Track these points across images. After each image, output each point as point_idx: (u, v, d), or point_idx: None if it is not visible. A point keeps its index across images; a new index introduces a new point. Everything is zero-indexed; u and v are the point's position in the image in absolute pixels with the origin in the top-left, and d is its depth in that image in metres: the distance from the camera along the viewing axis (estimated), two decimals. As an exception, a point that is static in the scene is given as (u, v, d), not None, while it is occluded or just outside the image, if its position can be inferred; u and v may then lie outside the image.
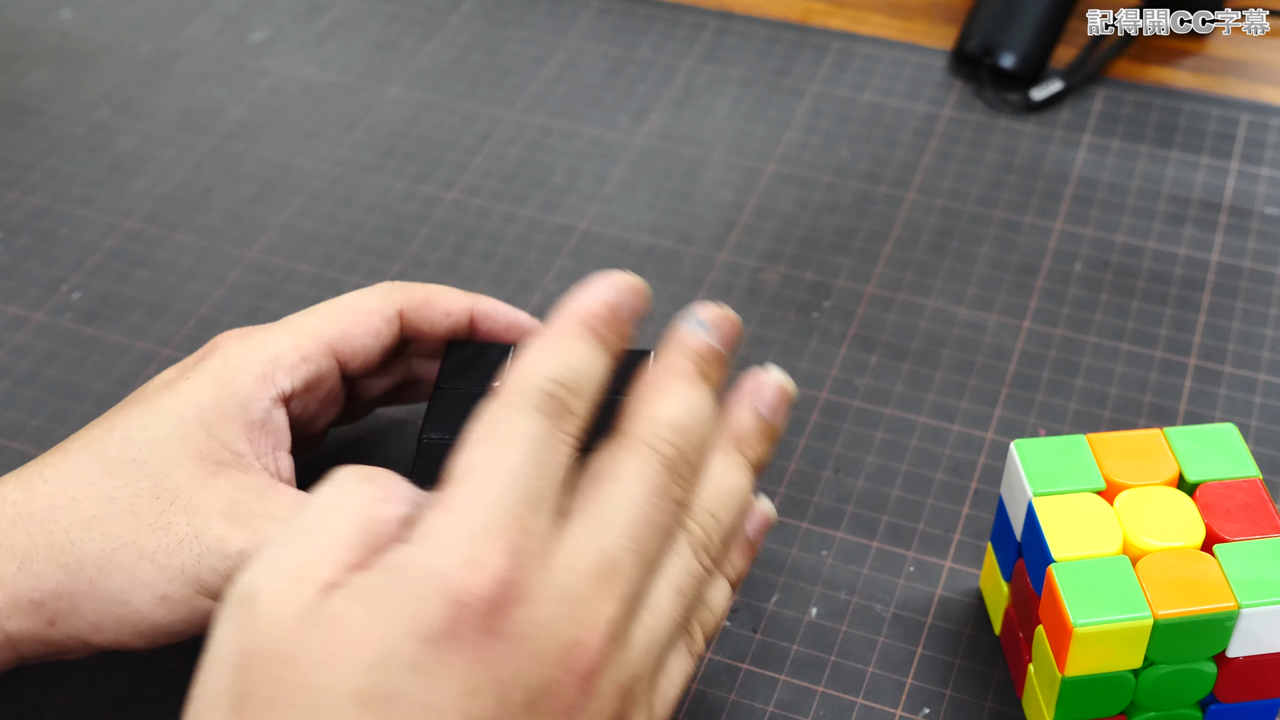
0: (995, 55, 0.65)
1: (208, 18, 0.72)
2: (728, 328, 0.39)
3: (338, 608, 0.31)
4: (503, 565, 0.31)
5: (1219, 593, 0.38)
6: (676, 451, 0.35)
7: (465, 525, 0.31)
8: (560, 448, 0.34)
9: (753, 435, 0.39)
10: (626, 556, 0.33)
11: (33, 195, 0.63)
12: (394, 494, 0.34)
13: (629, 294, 0.37)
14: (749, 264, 0.58)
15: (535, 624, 0.31)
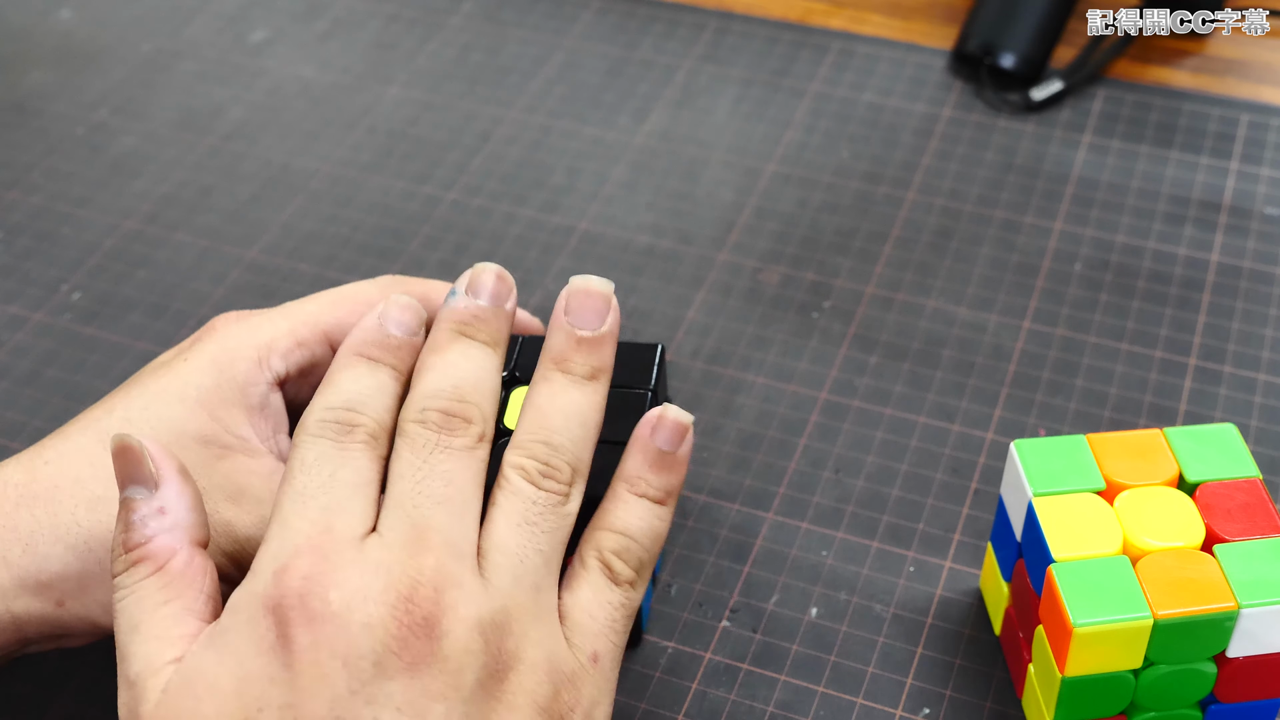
0: (995, 55, 0.65)
1: (208, 18, 0.72)
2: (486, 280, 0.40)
3: (194, 666, 0.33)
4: (306, 563, 0.34)
5: (1219, 593, 0.38)
6: (439, 413, 0.37)
7: (268, 549, 0.35)
8: (350, 455, 0.36)
9: (572, 350, 0.39)
10: (425, 512, 0.35)
11: (33, 195, 0.63)
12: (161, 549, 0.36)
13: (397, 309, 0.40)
14: (749, 264, 0.58)
15: (356, 596, 0.33)
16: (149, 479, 0.36)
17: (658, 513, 0.39)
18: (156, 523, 0.36)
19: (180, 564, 0.35)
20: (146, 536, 0.35)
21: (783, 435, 0.51)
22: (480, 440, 0.37)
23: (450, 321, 0.39)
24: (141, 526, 0.35)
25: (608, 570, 0.38)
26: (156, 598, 0.35)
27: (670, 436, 0.39)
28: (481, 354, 0.39)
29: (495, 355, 0.39)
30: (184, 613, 0.35)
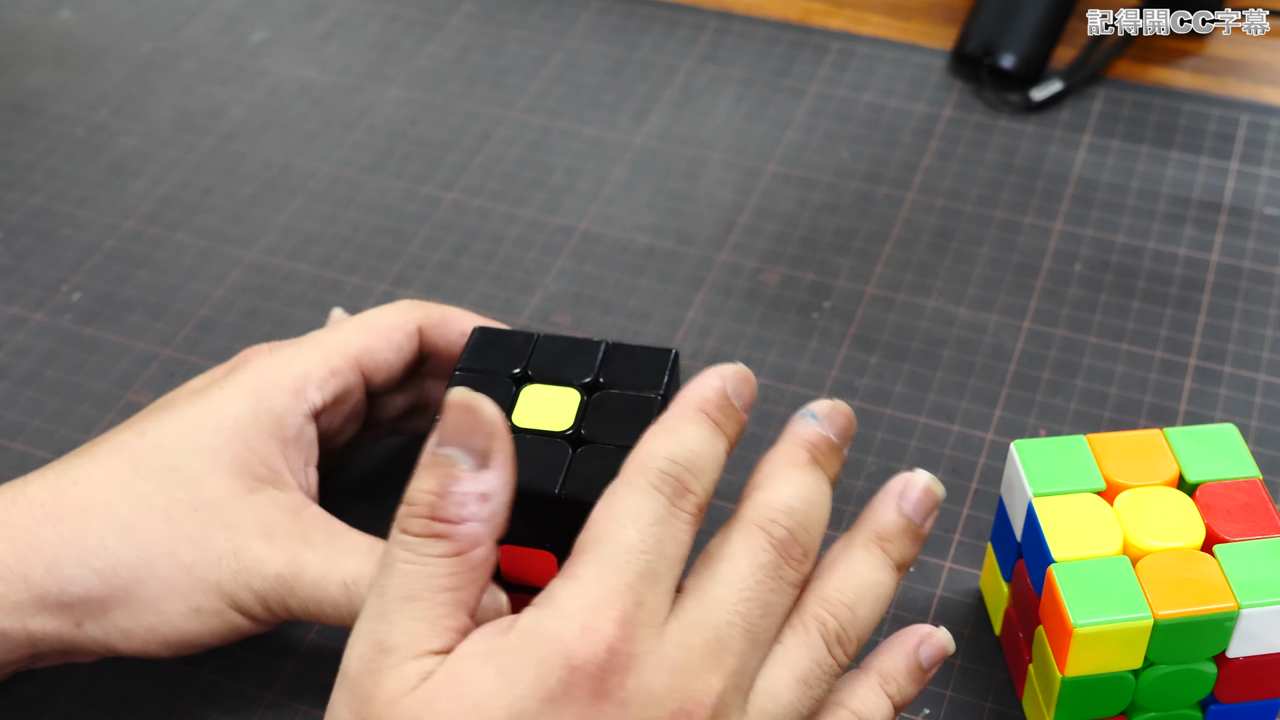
0: (995, 55, 0.65)
1: (208, 18, 0.72)
2: (841, 420, 0.39)
3: (466, 671, 0.33)
4: (615, 634, 0.33)
5: (1219, 593, 0.38)
6: (787, 533, 0.36)
7: (583, 595, 0.34)
8: (678, 525, 0.35)
9: (895, 533, 0.39)
10: (735, 633, 0.35)
11: (33, 195, 0.63)
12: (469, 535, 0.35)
13: (742, 382, 0.38)
14: (749, 264, 0.58)
15: (643, 691, 0.33)
16: (480, 453, 0.35)
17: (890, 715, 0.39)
18: (477, 507, 0.35)
19: (480, 557, 0.35)
20: (460, 517, 0.34)
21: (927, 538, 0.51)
22: (804, 578, 0.37)
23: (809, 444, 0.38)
24: (460, 504, 0.34)
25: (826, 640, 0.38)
26: (445, 581, 0.34)
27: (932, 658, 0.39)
28: (824, 486, 0.38)
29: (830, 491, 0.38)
30: (461, 606, 0.34)
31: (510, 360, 0.44)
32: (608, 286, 0.57)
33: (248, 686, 0.45)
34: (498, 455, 0.35)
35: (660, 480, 0.36)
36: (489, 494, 0.35)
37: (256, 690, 0.44)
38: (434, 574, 0.34)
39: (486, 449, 0.35)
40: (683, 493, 0.36)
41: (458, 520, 0.34)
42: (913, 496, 0.39)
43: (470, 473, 0.35)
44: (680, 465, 0.36)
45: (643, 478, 0.36)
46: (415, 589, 0.34)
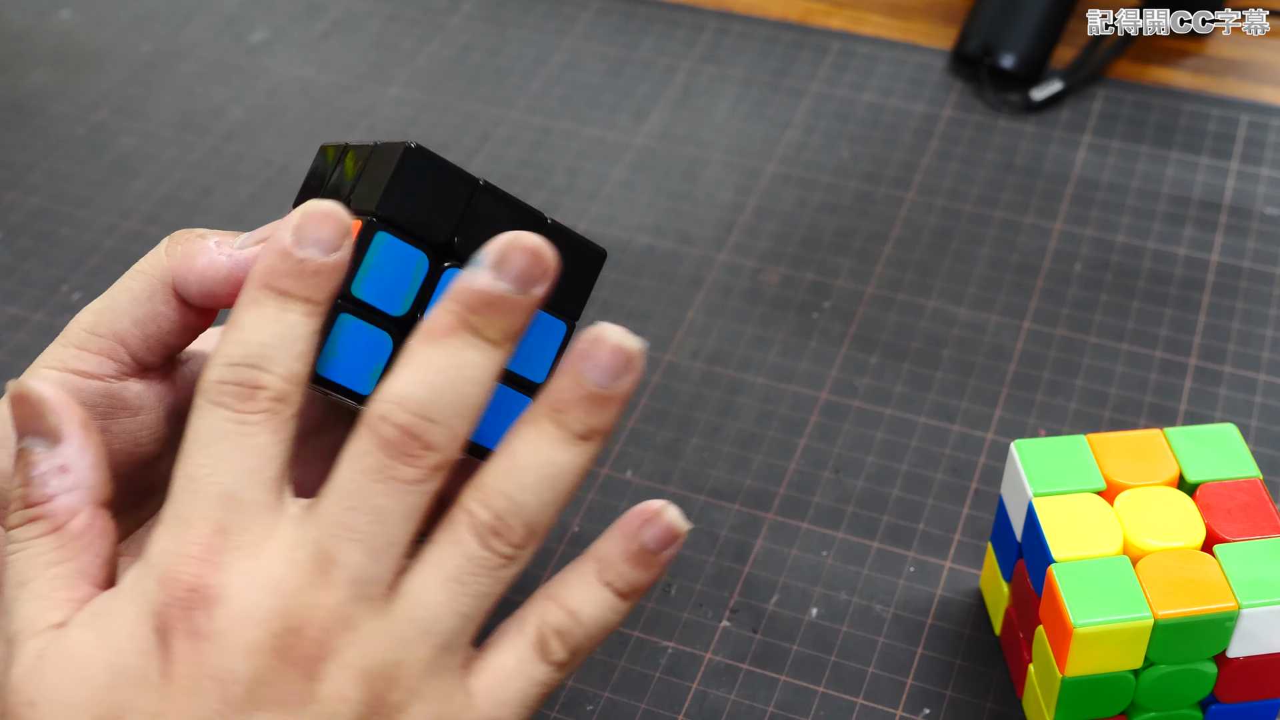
0: (995, 55, 0.65)
1: (208, 18, 0.72)
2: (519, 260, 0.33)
3: (72, 640, 0.32)
4: (195, 570, 0.32)
5: (1219, 593, 0.38)
6: (399, 429, 0.32)
7: (162, 541, 0.32)
8: (249, 430, 0.33)
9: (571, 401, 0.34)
10: (341, 545, 0.32)
11: (33, 195, 0.63)
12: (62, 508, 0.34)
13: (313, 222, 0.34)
14: (749, 264, 0.58)
15: (242, 618, 0.32)
16: (50, 431, 0.34)
17: (616, 607, 0.35)
18: (58, 481, 0.34)
19: (79, 525, 0.34)
20: (46, 495, 0.34)
21: (783, 435, 0.51)
22: (435, 470, 0.33)
23: (459, 303, 0.33)
24: (42, 484, 0.34)
25: (542, 647, 0.34)
26: (49, 557, 0.34)
27: (659, 537, 0.35)
28: (480, 358, 0.33)
29: (500, 359, 0.33)
30: (76, 575, 0.34)
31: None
32: (607, 286, 0.57)
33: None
34: (67, 426, 0.34)
35: (216, 392, 0.33)
36: (67, 464, 0.34)
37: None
38: (38, 553, 0.34)
39: (52, 425, 0.34)
40: (249, 394, 0.33)
41: (44, 499, 0.34)
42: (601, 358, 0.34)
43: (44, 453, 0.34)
44: (238, 366, 0.33)
45: (201, 396, 0.33)
46: (24, 574, 0.33)
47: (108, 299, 0.38)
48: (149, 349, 0.38)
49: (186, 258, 0.37)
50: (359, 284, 0.36)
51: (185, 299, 0.37)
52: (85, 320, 0.38)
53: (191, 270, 0.37)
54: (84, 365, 0.37)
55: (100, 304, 0.38)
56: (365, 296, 0.36)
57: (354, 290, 0.36)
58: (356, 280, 0.36)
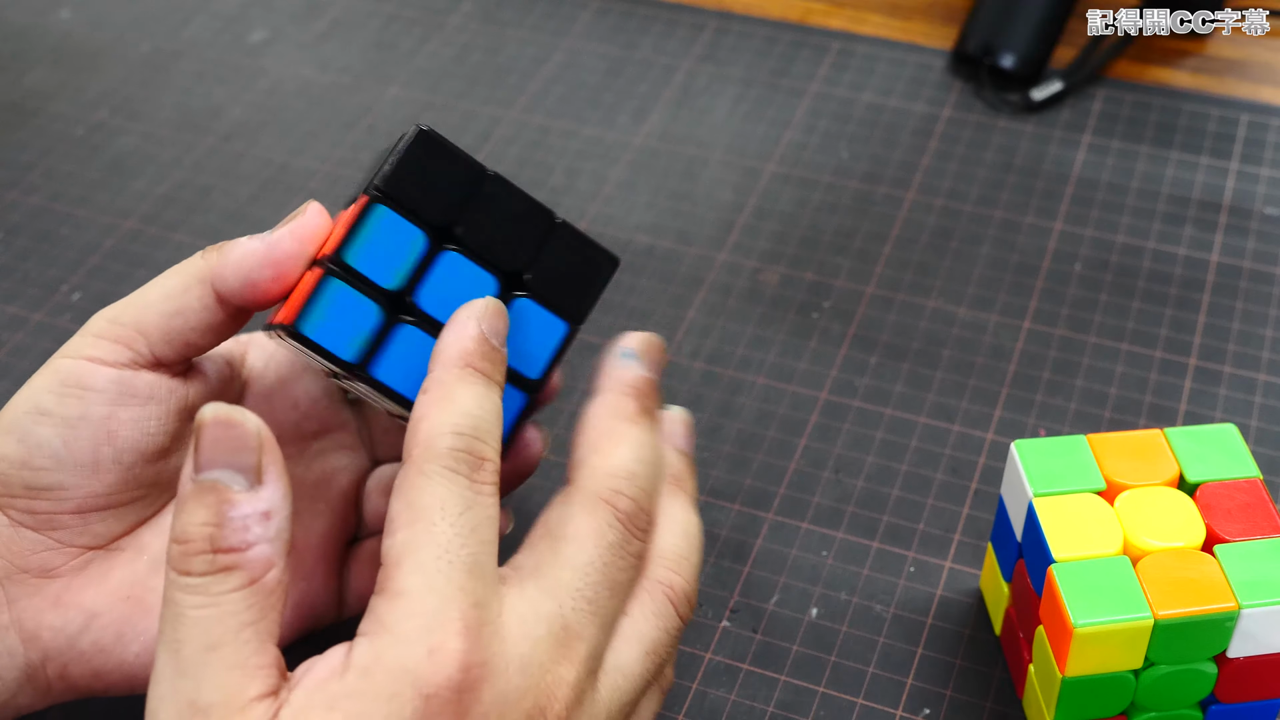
0: (995, 55, 0.65)
1: (207, 18, 0.72)
2: (656, 354, 0.38)
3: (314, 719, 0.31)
4: (462, 648, 0.31)
5: (1219, 593, 0.38)
6: (633, 504, 0.35)
7: (417, 613, 0.31)
8: (485, 502, 0.33)
9: (685, 472, 0.39)
10: (583, 619, 0.33)
11: (33, 195, 0.63)
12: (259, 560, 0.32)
13: (495, 318, 0.36)
14: (749, 264, 0.58)
15: (501, 698, 0.32)
16: (253, 469, 0.32)
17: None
18: (261, 529, 0.31)
19: (274, 580, 0.32)
20: (246, 542, 0.31)
21: (783, 435, 0.51)
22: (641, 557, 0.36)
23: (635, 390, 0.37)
24: (242, 529, 0.31)
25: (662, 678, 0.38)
26: (244, 616, 0.31)
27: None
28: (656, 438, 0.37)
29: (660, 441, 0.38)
30: (266, 639, 0.31)
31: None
32: (608, 286, 0.57)
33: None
34: (271, 467, 0.32)
35: (454, 460, 0.33)
36: (271, 511, 0.32)
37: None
38: (232, 612, 0.31)
39: (257, 463, 0.32)
40: (479, 465, 0.33)
41: (244, 546, 0.31)
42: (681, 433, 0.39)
43: (245, 493, 0.31)
44: (467, 436, 0.34)
45: (435, 462, 0.33)
46: (216, 635, 0.31)
47: (138, 293, 0.38)
48: (169, 343, 0.38)
49: (221, 253, 0.37)
50: (350, 250, 0.36)
51: (225, 295, 0.38)
52: (109, 311, 0.38)
53: (228, 263, 0.37)
54: (97, 352, 0.38)
55: (129, 298, 0.38)
56: (356, 264, 0.36)
57: (345, 256, 0.36)
58: (348, 247, 0.36)
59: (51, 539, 0.39)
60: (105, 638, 0.39)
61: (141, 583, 0.40)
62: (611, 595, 0.34)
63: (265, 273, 0.37)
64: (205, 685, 0.30)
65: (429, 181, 0.37)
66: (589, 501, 0.35)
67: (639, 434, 0.36)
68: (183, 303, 0.38)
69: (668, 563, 0.36)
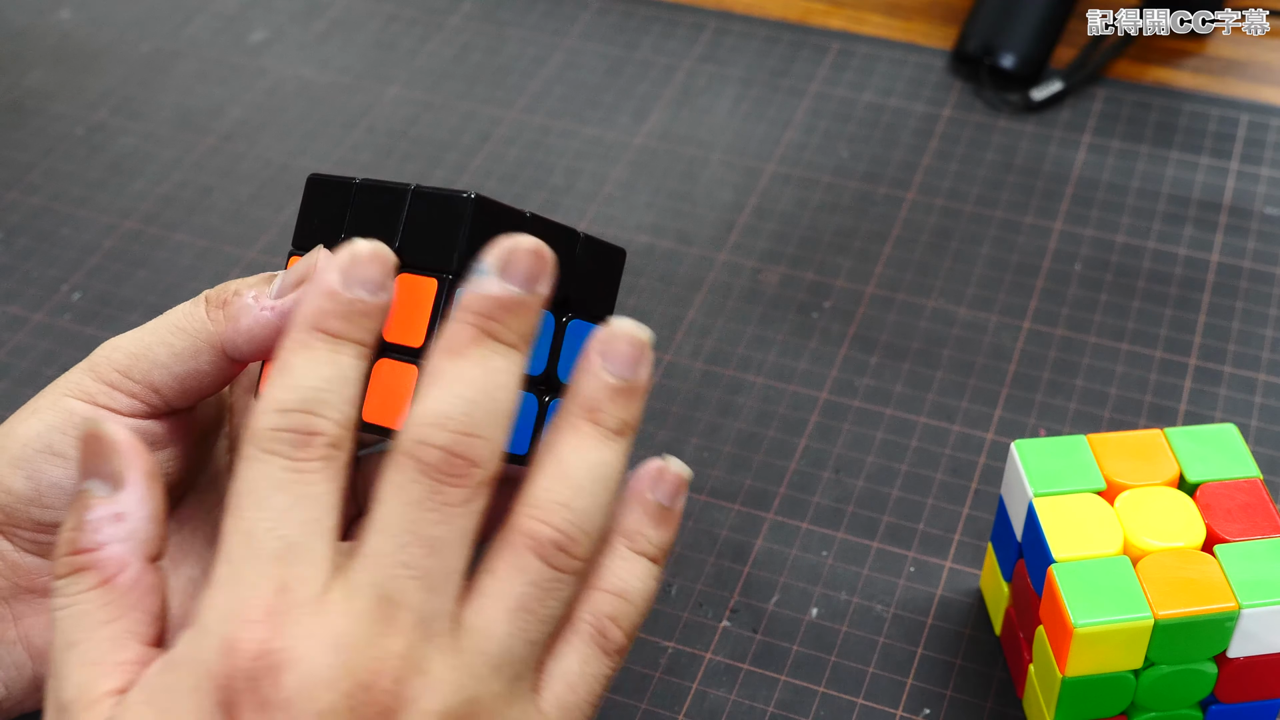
0: (995, 55, 0.65)
1: (207, 18, 0.72)
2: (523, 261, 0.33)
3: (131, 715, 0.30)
4: (257, 636, 0.30)
5: (1219, 593, 0.38)
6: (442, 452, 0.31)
7: (219, 603, 0.31)
8: (307, 479, 0.31)
9: (606, 400, 0.34)
10: (402, 584, 0.31)
11: (33, 195, 0.63)
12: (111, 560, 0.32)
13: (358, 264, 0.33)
14: (749, 264, 0.58)
15: (309, 681, 0.30)
16: (113, 475, 0.32)
17: (654, 573, 0.35)
18: (111, 529, 0.32)
19: (128, 580, 0.32)
20: (97, 543, 0.32)
21: (783, 435, 0.51)
22: (482, 487, 0.32)
23: (473, 314, 0.33)
24: (94, 530, 0.32)
25: (601, 638, 0.34)
26: (98, 615, 0.32)
27: (671, 491, 0.35)
28: (506, 364, 0.32)
29: (522, 362, 0.33)
30: (126, 636, 0.32)
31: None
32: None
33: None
34: (130, 472, 0.32)
35: (271, 440, 0.31)
36: (124, 513, 0.32)
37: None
38: (86, 611, 0.32)
39: (117, 470, 0.32)
40: (304, 442, 0.31)
41: (94, 546, 0.32)
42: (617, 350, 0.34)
43: (103, 497, 0.32)
44: (293, 412, 0.31)
45: (251, 444, 0.31)
46: (73, 635, 0.32)
47: (142, 347, 0.37)
48: (184, 396, 0.38)
49: (231, 320, 0.37)
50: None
51: (237, 358, 0.37)
52: (118, 361, 0.38)
53: (239, 332, 0.37)
54: (114, 404, 0.37)
55: (134, 348, 0.38)
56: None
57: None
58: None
59: None
60: None
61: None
62: (431, 553, 0.31)
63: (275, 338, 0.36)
64: (65, 683, 0.31)
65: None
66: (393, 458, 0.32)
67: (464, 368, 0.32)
68: (194, 365, 0.37)
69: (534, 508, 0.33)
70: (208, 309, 0.37)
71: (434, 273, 0.35)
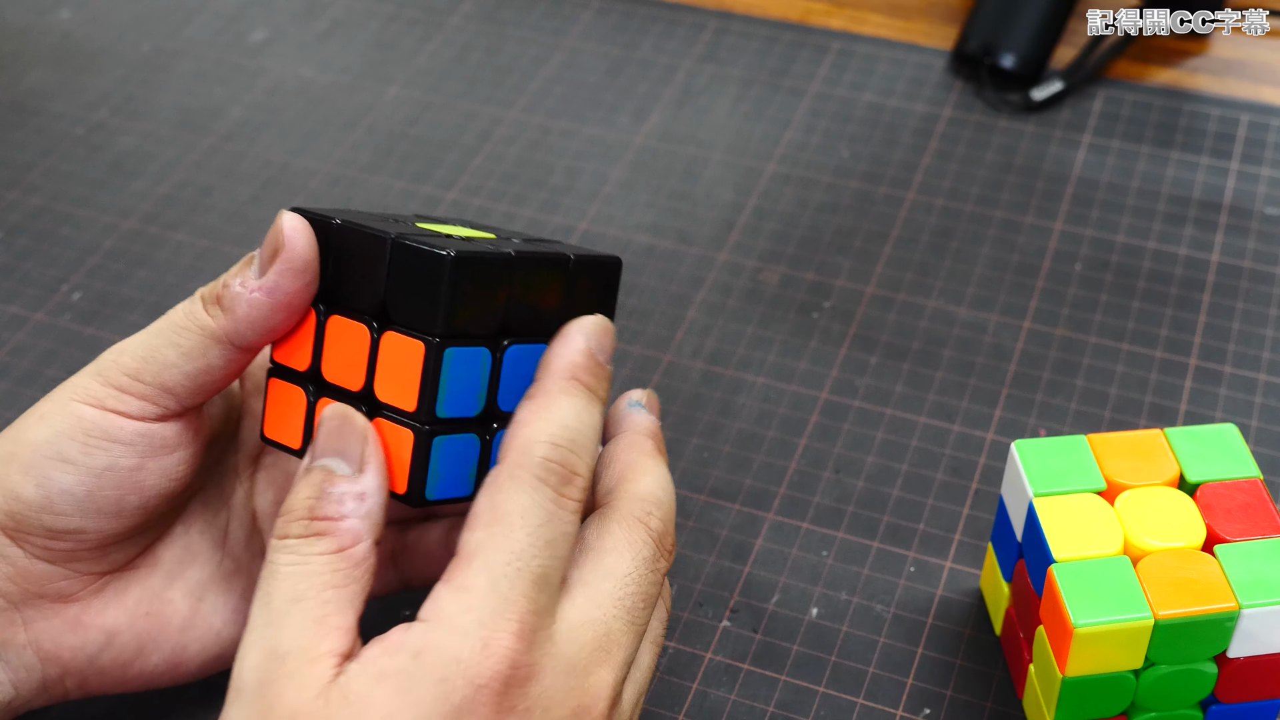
0: (995, 55, 0.65)
1: (207, 18, 0.72)
2: (657, 405, 0.41)
3: (361, 688, 0.32)
4: (514, 647, 0.33)
5: (1219, 593, 0.38)
6: (663, 525, 0.37)
7: (478, 609, 0.33)
8: (566, 518, 0.35)
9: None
10: (622, 627, 0.35)
11: (33, 195, 0.63)
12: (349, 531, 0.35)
13: (604, 335, 0.38)
14: (749, 264, 0.58)
15: (545, 697, 0.33)
16: (357, 458, 0.35)
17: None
18: (353, 505, 0.34)
19: (360, 553, 0.34)
20: (340, 514, 0.34)
21: (783, 435, 0.51)
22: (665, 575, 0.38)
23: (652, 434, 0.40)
24: (338, 502, 0.34)
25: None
26: (329, 578, 0.34)
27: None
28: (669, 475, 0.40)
29: None
30: (347, 604, 0.34)
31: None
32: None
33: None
34: (371, 460, 0.35)
35: (545, 471, 0.35)
36: (366, 493, 0.35)
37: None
38: (318, 571, 0.34)
39: (361, 454, 0.35)
40: (569, 479, 0.35)
41: (338, 517, 0.34)
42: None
43: (347, 475, 0.35)
44: (563, 448, 0.35)
45: (526, 470, 0.35)
46: (301, 589, 0.33)
47: (150, 350, 0.38)
48: (197, 395, 0.39)
49: (229, 312, 0.37)
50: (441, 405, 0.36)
51: (244, 347, 0.38)
52: (127, 365, 0.38)
53: (239, 321, 0.37)
54: (125, 407, 0.38)
55: (142, 352, 0.38)
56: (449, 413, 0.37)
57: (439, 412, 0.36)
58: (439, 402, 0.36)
59: (69, 569, 0.39)
60: (126, 653, 0.40)
61: (159, 597, 0.40)
62: (645, 606, 0.36)
63: (278, 318, 0.38)
64: (286, 633, 0.33)
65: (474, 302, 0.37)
66: (626, 520, 0.37)
67: (661, 469, 0.39)
68: (205, 361, 0.38)
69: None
70: (205, 307, 0.38)
71: (419, 334, 0.36)
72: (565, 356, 0.37)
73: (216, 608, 0.41)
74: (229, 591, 0.42)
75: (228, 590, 0.42)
